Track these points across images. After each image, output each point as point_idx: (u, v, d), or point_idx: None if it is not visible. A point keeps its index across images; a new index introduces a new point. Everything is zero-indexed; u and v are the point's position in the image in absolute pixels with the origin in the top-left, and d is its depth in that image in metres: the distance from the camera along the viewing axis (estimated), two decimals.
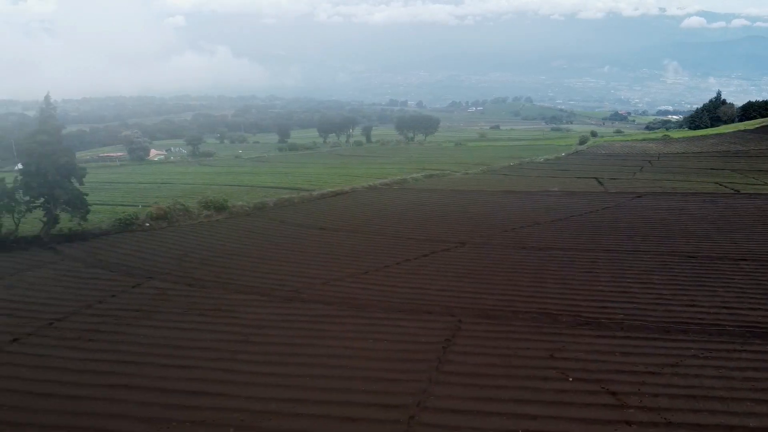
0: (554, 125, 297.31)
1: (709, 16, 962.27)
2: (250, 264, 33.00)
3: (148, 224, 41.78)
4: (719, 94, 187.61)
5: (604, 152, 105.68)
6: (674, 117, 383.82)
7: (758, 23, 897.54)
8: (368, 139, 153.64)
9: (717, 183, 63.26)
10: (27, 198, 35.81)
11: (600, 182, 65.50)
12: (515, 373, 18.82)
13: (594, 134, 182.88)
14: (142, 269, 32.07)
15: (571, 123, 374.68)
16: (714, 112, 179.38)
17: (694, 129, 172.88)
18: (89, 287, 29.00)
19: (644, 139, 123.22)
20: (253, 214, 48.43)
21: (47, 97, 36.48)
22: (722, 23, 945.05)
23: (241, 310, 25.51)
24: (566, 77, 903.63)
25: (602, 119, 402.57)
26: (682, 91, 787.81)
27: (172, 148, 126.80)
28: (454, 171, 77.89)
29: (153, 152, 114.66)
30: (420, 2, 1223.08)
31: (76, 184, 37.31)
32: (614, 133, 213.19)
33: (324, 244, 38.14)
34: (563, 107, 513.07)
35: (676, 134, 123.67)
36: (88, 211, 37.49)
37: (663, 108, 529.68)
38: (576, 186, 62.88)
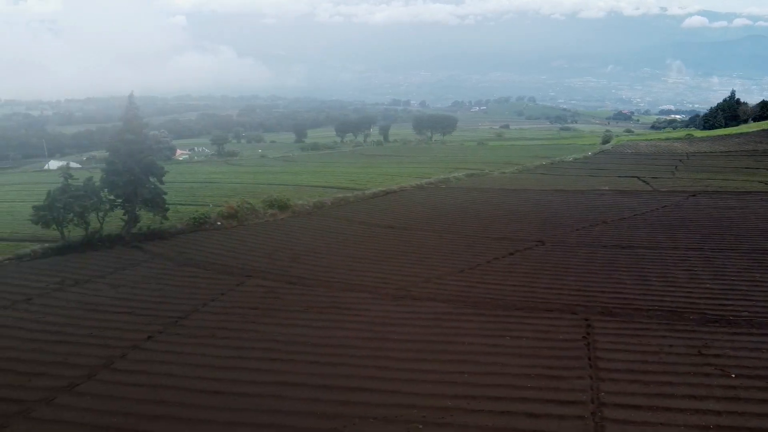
0: (562, 125, 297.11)
1: (711, 15, 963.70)
2: (342, 262, 33.08)
3: (219, 223, 41.88)
4: (733, 93, 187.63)
5: (630, 151, 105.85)
6: (677, 116, 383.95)
7: (760, 23, 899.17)
8: (386, 139, 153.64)
9: (760, 182, 63.39)
10: (111, 197, 35.78)
11: (644, 181, 65.64)
12: (673, 370, 18.93)
13: (608, 133, 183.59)
14: (235, 267, 32.17)
15: (576, 123, 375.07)
16: (729, 111, 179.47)
17: (709, 129, 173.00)
18: (196, 286, 29.10)
19: (667, 139, 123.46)
20: (314, 213, 48.50)
21: (131, 96, 36.60)
22: (724, 23, 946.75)
23: (358, 308, 25.62)
24: (567, 77, 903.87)
25: (606, 119, 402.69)
26: (683, 90, 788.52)
27: (195, 148, 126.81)
28: (490, 170, 77.92)
29: (178, 152, 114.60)
30: (421, 2, 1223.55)
31: (156, 183, 37.33)
32: (624, 132, 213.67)
33: (402, 242, 38.24)
34: (565, 107, 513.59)
35: (698, 134, 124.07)
36: (167, 210, 37.53)
37: (665, 108, 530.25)
38: (622, 185, 63.02)
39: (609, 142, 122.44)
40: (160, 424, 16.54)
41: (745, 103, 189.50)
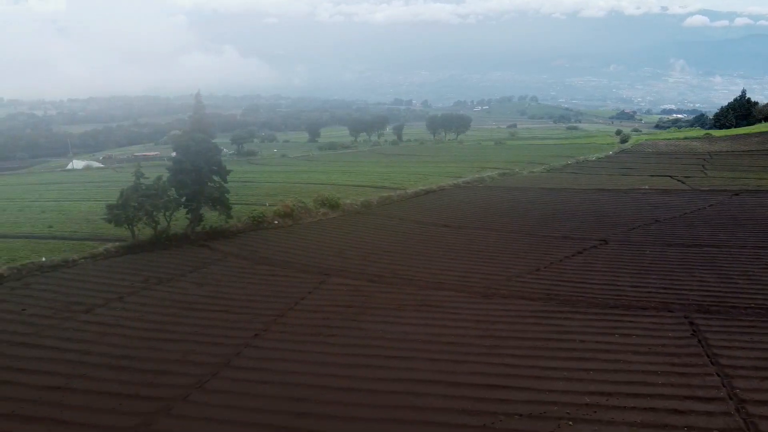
0: (568, 125, 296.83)
1: (712, 14, 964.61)
2: (414, 261, 33.22)
3: (276, 222, 41.97)
4: (744, 92, 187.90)
5: (651, 150, 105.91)
6: (679, 116, 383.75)
7: (761, 21, 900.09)
8: (399, 138, 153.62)
9: None
10: (176, 196, 35.85)
11: (679, 180, 65.76)
12: None
13: (619, 132, 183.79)
14: (310, 266, 32.29)
15: (579, 122, 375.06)
16: (740, 110, 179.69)
17: (720, 128, 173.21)
18: (279, 284, 29.27)
19: (686, 138, 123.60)
20: (363, 212, 48.62)
21: (198, 95, 36.66)
22: (725, 22, 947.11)
23: (451, 306, 25.77)
24: (568, 76, 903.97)
25: (609, 118, 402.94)
26: (684, 90, 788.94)
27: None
28: (519, 170, 77.98)
29: None
30: (421, 1, 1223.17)
31: (221, 182, 37.41)
32: (633, 132, 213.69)
33: (465, 241, 38.40)
34: (567, 106, 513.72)
35: (717, 133, 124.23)
36: (230, 208, 37.63)
37: (667, 107, 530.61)
38: (659, 184, 63.13)
39: (627, 142, 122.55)
40: (308, 421, 16.68)
41: (756, 103, 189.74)
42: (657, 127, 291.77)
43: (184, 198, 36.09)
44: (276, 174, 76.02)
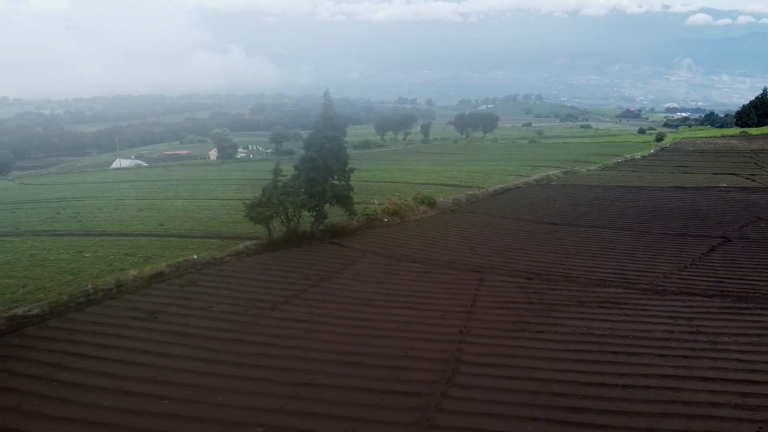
0: (583, 124, 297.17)
1: (714, 13, 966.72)
2: (553, 258, 33.33)
3: (386, 219, 42.04)
4: (765, 91, 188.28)
5: (692, 149, 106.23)
6: (683, 114, 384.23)
7: (763, 20, 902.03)
8: (426, 137, 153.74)
9: None
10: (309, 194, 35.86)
11: (748, 178, 65.99)
12: None
13: (642, 131, 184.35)
14: (455, 262, 32.39)
15: (586, 120, 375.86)
16: (762, 108, 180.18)
17: (742, 126, 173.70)
18: (439, 281, 29.32)
19: (723, 136, 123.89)
20: (458, 210, 48.73)
21: (326, 93, 36.69)
22: (728, 20, 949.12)
23: (633, 303, 25.81)
24: (569, 75, 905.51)
25: (615, 117, 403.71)
26: (686, 88, 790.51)
27: (249, 146, 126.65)
28: (578, 168, 78.17)
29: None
30: (422, 0, 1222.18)
31: (346, 180, 37.45)
32: (638, 132, 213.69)
33: (584, 238, 38.57)
34: (570, 105, 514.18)
35: (753, 131, 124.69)
36: (353, 205, 37.69)
37: (670, 106, 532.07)
38: (731, 182, 63.37)
39: (662, 140, 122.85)
40: (587, 415, 16.75)
41: None
42: (665, 125, 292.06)
43: (313, 195, 36.05)
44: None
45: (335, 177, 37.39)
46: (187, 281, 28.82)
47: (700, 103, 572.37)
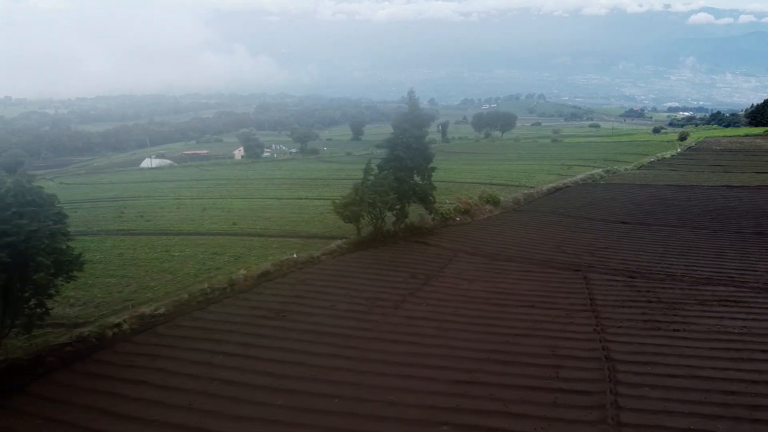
0: (591, 123, 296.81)
1: (716, 12, 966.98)
2: (642, 256, 33.47)
3: (458, 218, 42.05)
4: None
5: (719, 148, 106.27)
6: (685, 113, 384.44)
7: (765, 19, 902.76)
8: (444, 136, 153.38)
9: None
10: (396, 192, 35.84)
11: None
12: None
13: (657, 131, 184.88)
14: (551, 261, 32.49)
15: (591, 120, 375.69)
16: None
17: (756, 125, 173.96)
18: (543, 279, 29.43)
19: (746, 135, 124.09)
20: (519, 209, 48.69)
21: (411, 92, 36.66)
22: (729, 19, 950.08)
23: (752, 302, 25.86)
24: (570, 74, 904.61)
25: (620, 116, 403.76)
26: (687, 88, 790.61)
27: (273, 146, 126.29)
28: (611, 167, 77.92)
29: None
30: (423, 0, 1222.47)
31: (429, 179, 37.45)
32: (653, 131, 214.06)
33: (665, 237, 38.59)
34: (572, 104, 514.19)
35: None
36: (434, 204, 37.67)
37: (672, 105, 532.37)
38: None
39: (686, 139, 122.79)
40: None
41: None
42: (670, 124, 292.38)
43: (399, 194, 36.04)
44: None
45: (417, 176, 37.29)
46: (296, 280, 28.81)
47: (701, 103, 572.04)
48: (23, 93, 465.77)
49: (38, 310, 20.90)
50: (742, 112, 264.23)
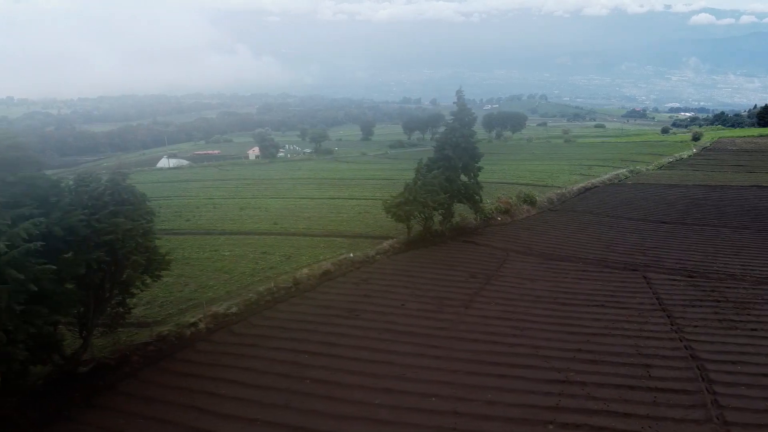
0: (597, 124, 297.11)
1: (717, 12, 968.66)
2: (695, 256, 33.50)
3: (499, 218, 42.04)
4: None
5: (735, 148, 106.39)
6: (687, 114, 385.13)
7: (766, 20, 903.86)
8: None
9: None
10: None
11: None
12: None
13: (666, 131, 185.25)
14: (604, 260, 32.45)
15: (593, 120, 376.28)
16: None
17: (764, 126, 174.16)
18: (601, 279, 29.44)
19: (760, 135, 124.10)
20: (555, 209, 48.71)
21: (460, 92, 36.64)
22: (731, 20, 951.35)
23: None
24: (571, 74, 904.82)
25: (622, 116, 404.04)
26: (688, 88, 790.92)
27: (287, 146, 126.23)
28: (631, 167, 77.95)
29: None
30: (423, 0, 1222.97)
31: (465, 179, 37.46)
32: (661, 132, 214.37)
33: (706, 237, 38.66)
34: (574, 105, 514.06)
35: None
36: (480, 203, 37.66)
37: (673, 105, 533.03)
38: None
39: (699, 139, 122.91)
40: None
41: None
42: (674, 125, 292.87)
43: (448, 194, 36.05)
44: (411, 173, 75.20)
45: (464, 175, 37.28)
46: (358, 279, 28.78)
47: (702, 103, 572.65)
48: (25, 93, 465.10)
49: (120, 309, 20.90)
50: (745, 113, 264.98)
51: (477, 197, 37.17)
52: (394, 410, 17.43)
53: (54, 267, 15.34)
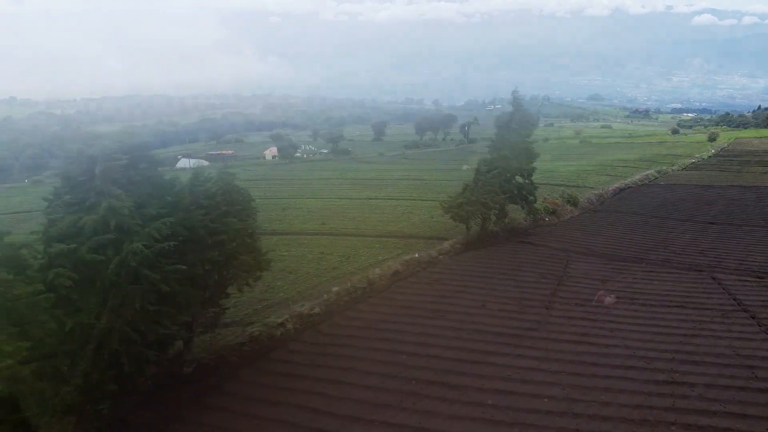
0: (603, 124, 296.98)
1: (719, 13, 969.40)
2: (757, 257, 33.40)
3: (547, 219, 42.01)
4: None
5: (754, 149, 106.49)
6: (690, 114, 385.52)
7: None
8: (466, 137, 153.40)
9: None
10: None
11: None
12: None
13: (676, 131, 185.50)
14: (665, 261, 32.40)
15: (597, 121, 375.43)
16: None
17: None
18: (671, 281, 29.32)
19: None
20: (599, 210, 48.73)
21: (516, 92, 36.68)
22: (733, 21, 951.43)
23: None
24: (572, 75, 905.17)
25: (626, 117, 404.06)
26: (690, 89, 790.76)
27: (303, 146, 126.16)
28: (665, 168, 77.83)
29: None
30: (425, 0, 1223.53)
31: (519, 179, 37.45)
32: (671, 132, 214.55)
33: (761, 237, 38.52)
34: (576, 106, 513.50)
35: None
36: (535, 203, 37.64)
37: (676, 106, 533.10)
38: None
39: (715, 140, 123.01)
40: None
41: None
42: (679, 125, 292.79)
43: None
44: (437, 173, 75.16)
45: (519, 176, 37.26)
46: (429, 279, 28.74)
47: (704, 104, 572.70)
48: (28, 93, 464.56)
49: (217, 309, 20.84)
50: (750, 114, 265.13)
51: (531, 198, 37.09)
52: (509, 411, 17.37)
53: (184, 267, 15.28)
